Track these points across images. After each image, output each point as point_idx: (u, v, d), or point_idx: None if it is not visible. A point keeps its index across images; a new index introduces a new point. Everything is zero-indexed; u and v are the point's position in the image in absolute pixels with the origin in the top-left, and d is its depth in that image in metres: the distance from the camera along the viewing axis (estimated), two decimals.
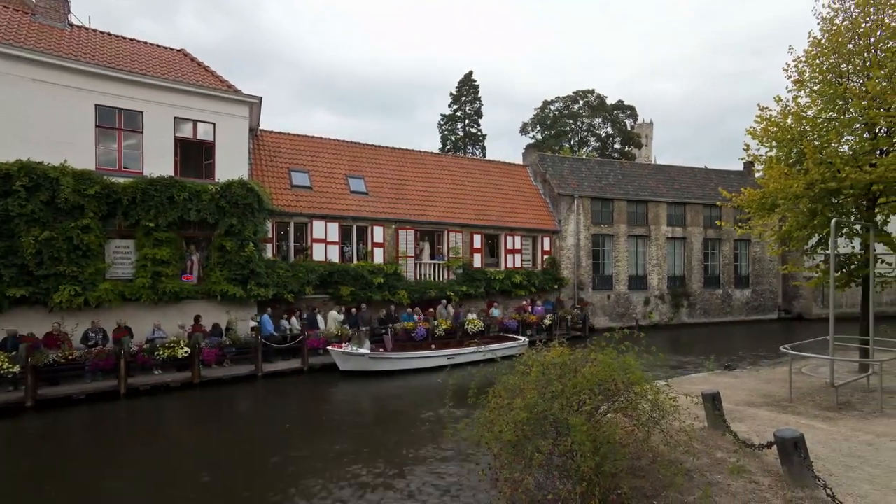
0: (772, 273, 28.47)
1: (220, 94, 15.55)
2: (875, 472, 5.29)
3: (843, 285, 11.60)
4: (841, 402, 8.27)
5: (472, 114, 50.57)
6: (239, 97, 15.94)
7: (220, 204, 14.62)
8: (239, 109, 16.05)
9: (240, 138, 16.10)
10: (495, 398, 5.62)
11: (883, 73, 9.71)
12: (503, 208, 22.81)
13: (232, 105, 15.88)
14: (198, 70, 16.51)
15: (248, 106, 16.27)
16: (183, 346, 12.71)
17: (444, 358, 14.58)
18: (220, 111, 15.60)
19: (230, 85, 16.18)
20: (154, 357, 12.46)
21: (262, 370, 13.74)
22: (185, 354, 12.66)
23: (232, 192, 14.74)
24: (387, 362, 14.37)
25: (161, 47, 17.34)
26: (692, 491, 4.77)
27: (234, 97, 15.85)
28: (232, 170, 15.37)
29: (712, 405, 6.67)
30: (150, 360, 12.49)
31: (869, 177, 9.67)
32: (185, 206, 14.13)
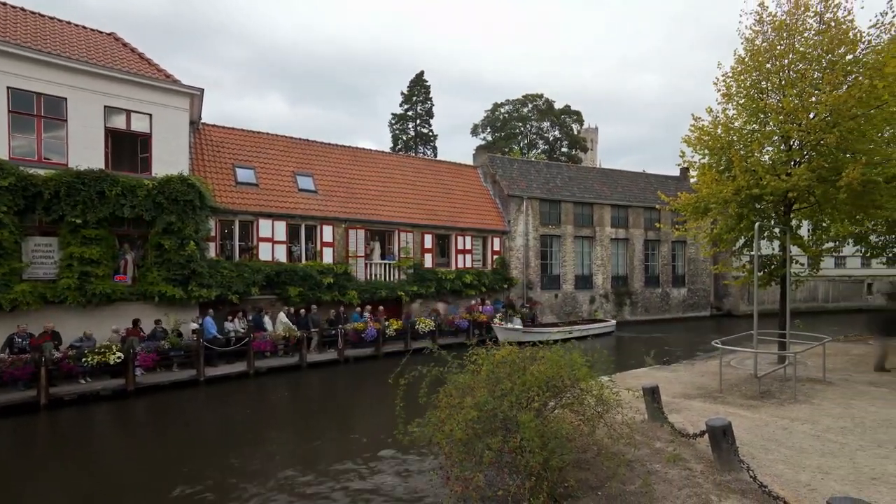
0: (705, 273, 30.36)
1: (156, 83, 14.67)
2: (789, 453, 5.78)
3: (764, 284, 12.56)
4: (763, 391, 8.96)
5: (424, 114, 50.60)
6: (178, 88, 15.11)
7: (158, 200, 13.81)
8: (178, 101, 15.21)
9: (179, 131, 15.27)
10: (446, 397, 5.67)
11: (795, 91, 10.60)
12: (454, 209, 22.98)
13: (170, 96, 15.01)
14: (131, 56, 15.47)
15: (188, 97, 15.47)
16: (115, 351, 11.91)
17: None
18: (156, 102, 14.71)
19: (168, 74, 15.30)
20: (81, 364, 11.58)
21: (204, 375, 13.10)
22: (118, 360, 11.86)
23: (171, 188, 13.96)
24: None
25: (89, 29, 16.08)
26: (633, 480, 5.02)
27: (173, 88, 15.01)
28: (171, 164, 14.56)
29: (652, 398, 7.04)
30: (77, 367, 11.58)
31: (785, 185, 10.53)
32: (117, 201, 13.24)
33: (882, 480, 4.96)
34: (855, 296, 35.28)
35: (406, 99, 50.38)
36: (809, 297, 32.97)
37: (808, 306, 31.89)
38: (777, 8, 11.34)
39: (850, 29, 10.68)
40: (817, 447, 5.99)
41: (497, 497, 4.48)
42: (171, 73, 15.40)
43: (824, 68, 10.66)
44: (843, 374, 10.51)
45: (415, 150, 49.11)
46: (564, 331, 19.78)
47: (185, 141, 15.57)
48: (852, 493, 4.54)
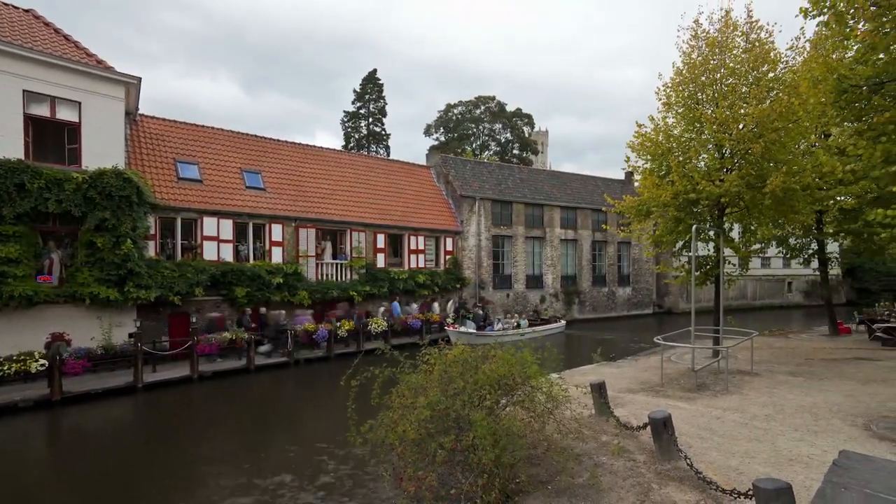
0: (648, 273, 31.87)
1: (86, 69, 13.66)
2: (721, 440, 6.17)
3: (701, 283, 13.34)
4: (699, 384, 9.52)
5: (376, 112, 50.12)
6: (111, 75, 14.16)
7: (90, 195, 12.89)
8: (111, 89, 14.25)
9: (113, 122, 14.33)
10: (399, 398, 5.64)
11: (726, 103, 11.35)
12: (407, 208, 22.91)
13: (102, 83, 14.03)
14: (54, 37, 14.22)
15: (122, 86, 14.54)
16: (38, 358, 11.01)
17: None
18: (86, 89, 13.69)
19: (100, 60, 14.28)
20: None
21: (142, 381, 12.33)
22: (41, 368, 10.97)
23: (104, 182, 13.07)
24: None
25: (2, 3, 14.62)
26: (581, 473, 5.19)
27: (105, 75, 14.04)
28: (104, 157, 13.62)
29: (599, 394, 7.31)
30: None
31: (718, 190, 11.24)
32: (40, 195, 12.26)
33: (797, 461, 5.40)
34: (777, 293, 38.21)
35: (359, 97, 49.74)
36: (740, 295, 35.36)
37: (738, 304, 34.19)
38: (710, 26, 12.10)
39: (771, 49, 11.61)
40: (745, 434, 6.43)
41: (450, 496, 4.50)
42: (104, 60, 14.41)
43: (751, 84, 11.49)
44: (767, 365, 11.33)
45: (367, 149, 48.56)
46: (516, 333, 19.58)
47: (120, 132, 14.63)
48: (773, 474, 4.90)
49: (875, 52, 6.15)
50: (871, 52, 6.16)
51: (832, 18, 6.34)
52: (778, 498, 3.44)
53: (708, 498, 4.55)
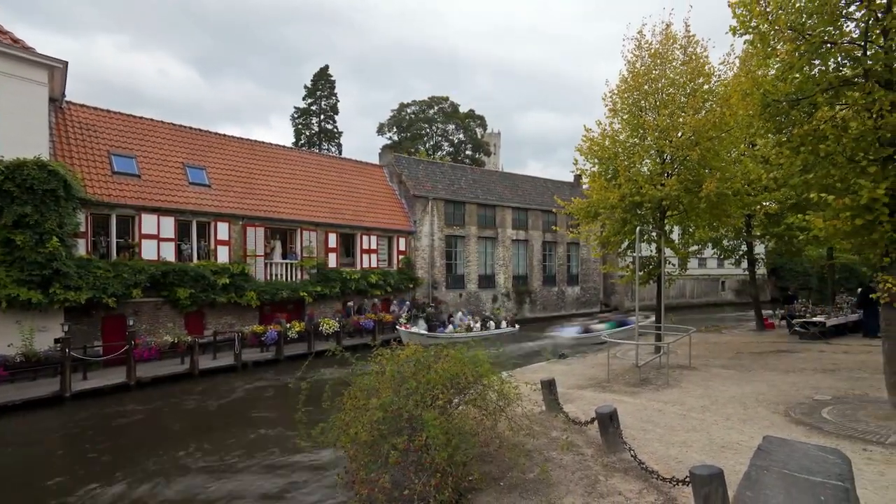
0: (595, 272, 33.04)
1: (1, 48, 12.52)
2: (662, 432, 6.51)
3: (644, 282, 13.98)
4: (642, 379, 9.99)
5: (328, 109, 49.18)
6: (31, 57, 13.05)
7: (6, 188, 11.86)
8: (31, 72, 13.14)
9: (35, 108, 13.23)
10: (351, 399, 5.56)
11: (667, 112, 11.98)
12: (359, 207, 22.62)
13: (20, 65, 12.90)
14: None
15: (45, 69, 13.45)
16: None
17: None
18: (2, 71, 12.56)
19: (17, 39, 13.13)
20: None
21: (70, 389, 11.45)
22: None
23: (25, 174, 12.06)
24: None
25: None
26: (532, 469, 5.31)
27: (23, 55, 12.91)
28: (22, 146, 12.53)
29: (549, 391, 7.51)
30: None
31: (660, 194, 11.85)
32: None
33: (729, 448, 5.78)
34: (713, 292, 40.71)
35: (309, 93, 48.61)
36: (679, 293, 37.37)
37: (678, 302, 36.12)
38: (652, 38, 12.73)
39: (706, 63, 12.37)
40: (683, 425, 6.81)
41: (403, 497, 4.48)
42: (22, 40, 13.25)
43: (688, 94, 12.18)
44: (703, 360, 12.04)
45: (318, 147, 47.54)
46: (468, 336, 18.92)
47: (42, 120, 13.55)
48: (708, 460, 5.21)
49: (792, 70, 6.68)
50: (789, 70, 6.69)
51: (757, 38, 6.83)
52: (711, 483, 3.68)
53: (650, 486, 4.78)
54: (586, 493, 4.77)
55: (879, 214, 6.16)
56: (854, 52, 6.36)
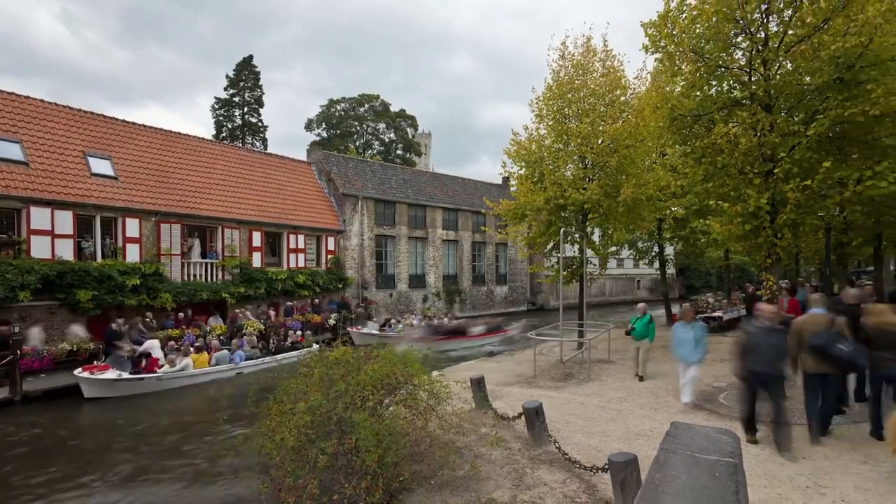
0: (522, 272, 34.17)
1: None
2: (584, 423, 6.90)
3: (568, 281, 14.71)
4: (566, 374, 10.51)
5: (252, 102, 46.88)
6: None
7: None
8: None
9: None
10: (277, 404, 5.36)
11: (588, 120, 12.71)
12: (286, 205, 21.77)
13: None
14: None
15: None
16: None
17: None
18: None
19: None
20: None
21: None
22: None
23: None
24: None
25: None
26: (462, 466, 5.41)
27: None
28: None
29: (478, 388, 7.68)
30: None
31: (582, 197, 12.53)
32: None
33: (642, 435, 6.24)
34: (629, 290, 43.64)
35: (232, 83, 46.06)
36: (599, 292, 39.65)
37: (599, 300, 38.32)
38: (575, 49, 13.44)
39: (622, 77, 13.26)
40: (603, 416, 7.25)
41: (332, 502, 4.39)
42: None
43: (607, 104, 13.00)
44: (621, 354, 12.86)
45: (242, 140, 45.16)
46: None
47: None
48: (624, 448, 5.60)
49: (694, 89, 7.39)
50: (692, 88, 7.39)
51: (665, 57, 7.48)
52: (626, 468, 3.97)
53: (573, 476, 5.04)
54: (514, 486, 4.94)
55: (763, 221, 6.95)
56: (742, 77, 7.13)
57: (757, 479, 4.64)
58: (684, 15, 7.06)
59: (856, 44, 5.79)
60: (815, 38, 6.15)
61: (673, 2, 7.12)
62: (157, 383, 12.03)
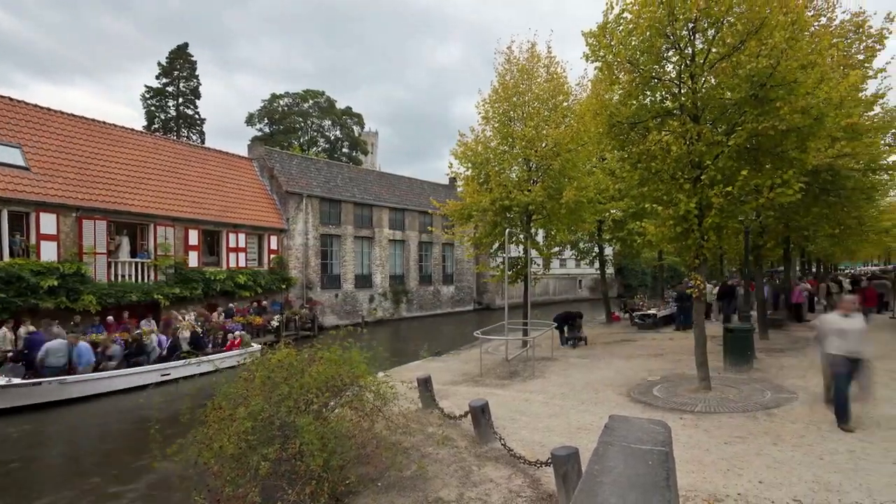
0: (469, 272, 34.58)
1: None
2: (528, 419, 7.09)
3: (513, 281, 15.04)
4: (511, 372, 10.75)
5: (188, 92, 44.47)
6: None
7: None
8: None
9: None
10: (215, 411, 5.12)
11: (532, 124, 13.09)
12: (225, 202, 20.82)
13: None
14: None
15: None
16: None
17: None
18: None
19: None
20: None
21: None
22: None
23: None
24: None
25: None
26: (409, 466, 5.41)
27: None
28: None
29: (425, 388, 7.70)
30: None
31: (527, 199, 12.88)
32: None
33: (584, 428, 6.51)
34: (571, 289, 45.29)
35: (165, 72, 43.43)
36: (543, 291, 40.83)
37: (543, 299, 39.44)
38: (520, 54, 13.78)
39: (565, 83, 13.76)
40: (546, 412, 7.49)
41: None
42: None
43: (550, 109, 13.43)
44: (563, 351, 13.35)
45: (176, 133, 42.71)
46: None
47: None
48: (566, 442, 5.79)
49: (631, 98, 7.79)
50: (628, 97, 7.79)
51: (604, 66, 7.83)
52: (568, 461, 4.13)
53: (518, 471, 5.18)
54: (461, 484, 5.00)
55: (692, 224, 7.45)
56: (673, 88, 7.61)
57: (685, 464, 4.96)
58: (621, 27, 7.42)
59: (766, 65, 6.36)
60: (734, 58, 6.68)
61: (611, 14, 7.47)
62: (58, 390, 10.90)
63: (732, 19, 6.72)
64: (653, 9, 6.94)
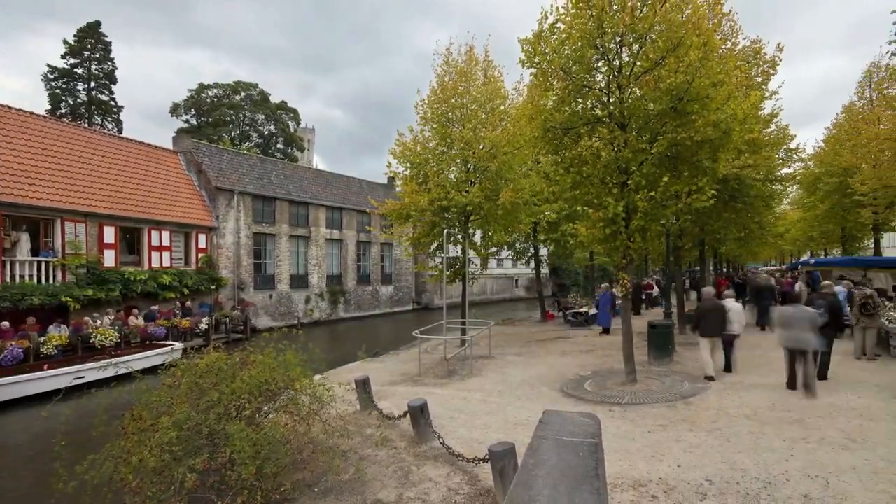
0: (408, 272, 34.49)
1: None
2: (466, 418, 7.21)
3: (451, 280, 15.21)
4: (450, 371, 10.85)
5: (102, 76, 40.90)
6: None
7: None
8: None
9: None
10: (134, 422, 4.76)
11: (470, 126, 13.32)
12: (148, 198, 19.40)
13: None
14: None
15: None
16: None
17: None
18: None
19: None
20: None
21: None
22: None
23: None
24: None
25: None
26: (347, 469, 5.32)
27: None
28: None
29: (363, 389, 7.60)
30: None
31: (465, 199, 13.07)
32: None
33: (520, 424, 6.71)
34: (508, 289, 46.45)
35: (73, 52, 39.60)
36: (481, 291, 41.56)
37: (480, 298, 40.15)
38: (458, 57, 13.97)
39: (501, 87, 14.12)
40: (484, 409, 7.64)
41: None
42: None
43: (488, 112, 13.72)
44: (500, 349, 13.66)
45: (88, 121, 39.17)
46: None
47: None
48: (503, 438, 5.97)
49: (564, 104, 8.14)
50: (562, 104, 8.14)
51: (539, 73, 8.12)
52: (505, 457, 4.25)
53: (456, 469, 5.24)
54: (400, 485, 5.00)
55: (620, 226, 7.91)
56: (602, 97, 8.04)
57: (613, 453, 5.26)
58: (555, 37, 7.73)
59: (683, 80, 6.91)
60: (656, 72, 7.19)
61: (546, 23, 7.75)
62: None
63: (654, 36, 7.22)
64: (584, 21, 7.30)
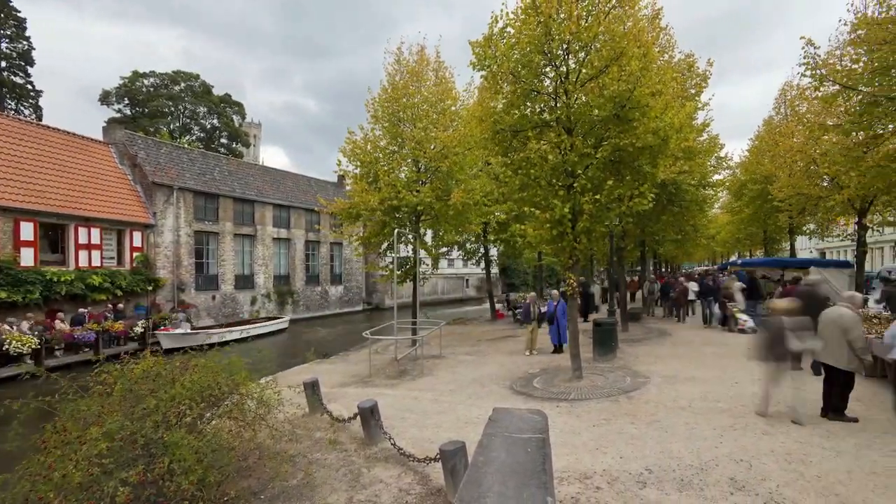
0: (358, 272, 34.01)
1: None
2: (417, 417, 7.21)
3: (402, 280, 15.16)
4: (401, 371, 10.81)
5: (15, 57, 37.49)
6: None
7: None
8: None
9: None
10: (56, 434, 4.40)
11: (421, 126, 13.35)
12: (73, 192, 18.04)
13: None
14: None
15: None
16: None
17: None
18: None
19: None
20: None
21: None
22: None
23: None
24: None
25: None
26: (296, 474, 5.18)
27: None
28: None
29: (312, 391, 7.43)
30: None
31: (416, 199, 13.07)
32: None
33: (471, 422, 6.79)
34: (459, 289, 46.84)
35: None
36: (432, 291, 41.65)
37: (432, 298, 40.22)
38: (409, 56, 13.97)
39: (452, 88, 14.25)
40: (436, 408, 7.67)
41: None
42: None
43: (439, 112, 13.81)
44: (452, 349, 13.75)
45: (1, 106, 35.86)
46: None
47: None
48: (454, 436, 6.01)
49: (513, 107, 8.33)
50: (511, 107, 8.32)
51: (489, 75, 8.26)
52: (455, 455, 4.29)
53: (408, 469, 5.23)
54: (350, 488, 4.93)
55: (566, 227, 8.18)
56: (550, 102, 8.28)
57: (560, 448, 5.44)
58: (505, 41, 7.89)
59: (625, 89, 7.26)
60: (600, 79, 7.50)
61: (496, 28, 7.89)
62: None
63: (599, 45, 7.53)
64: (532, 27, 7.50)
